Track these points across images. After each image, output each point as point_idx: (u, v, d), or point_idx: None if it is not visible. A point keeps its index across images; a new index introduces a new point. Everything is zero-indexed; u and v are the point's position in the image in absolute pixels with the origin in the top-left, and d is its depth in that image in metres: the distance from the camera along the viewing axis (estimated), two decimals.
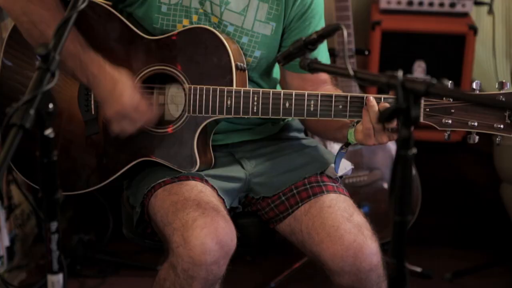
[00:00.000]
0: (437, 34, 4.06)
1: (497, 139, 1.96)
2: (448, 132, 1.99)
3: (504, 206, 3.37)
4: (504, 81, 1.93)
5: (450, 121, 1.96)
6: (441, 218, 3.76)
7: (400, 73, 1.40)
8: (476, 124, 1.95)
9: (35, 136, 1.42)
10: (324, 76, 2.25)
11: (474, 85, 1.92)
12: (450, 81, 1.91)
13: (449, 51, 4.05)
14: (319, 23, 2.23)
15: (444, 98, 1.95)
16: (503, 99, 1.91)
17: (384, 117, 1.38)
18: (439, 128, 1.98)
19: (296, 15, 2.20)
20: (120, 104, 2.03)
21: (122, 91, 2.03)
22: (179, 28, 2.13)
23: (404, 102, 1.35)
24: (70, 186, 2.21)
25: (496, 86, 1.94)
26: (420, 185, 3.28)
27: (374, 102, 1.97)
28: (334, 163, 2.14)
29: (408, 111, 1.35)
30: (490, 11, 4.28)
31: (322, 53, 2.25)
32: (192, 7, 2.14)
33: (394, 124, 1.93)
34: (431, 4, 4.12)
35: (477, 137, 1.96)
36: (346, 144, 2.09)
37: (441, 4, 4.11)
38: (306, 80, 2.21)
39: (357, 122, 2.04)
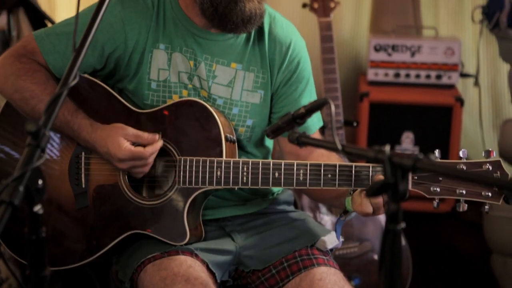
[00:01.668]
0: (425, 105, 4.12)
1: (486, 207, 1.97)
2: (437, 200, 2.00)
3: (495, 277, 3.36)
4: (490, 149, 1.96)
5: (438, 189, 1.98)
6: None
7: (387, 148, 1.42)
8: (464, 192, 1.96)
9: (23, 212, 1.42)
10: (322, 150, 2.27)
11: (461, 154, 1.95)
12: (438, 150, 1.95)
13: (436, 122, 4.10)
14: (306, 87, 2.26)
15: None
16: (490, 167, 1.94)
17: (372, 191, 1.39)
18: (427, 196, 1.99)
19: (282, 80, 2.23)
20: (118, 161, 2.05)
21: (114, 151, 2.05)
22: (169, 103, 2.16)
23: (391, 177, 1.36)
24: (59, 260, 2.19)
25: (483, 155, 1.96)
26: (411, 256, 3.27)
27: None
28: (335, 230, 2.15)
29: (396, 186, 1.36)
30: (476, 83, 4.36)
31: (314, 119, 2.27)
32: (181, 83, 2.18)
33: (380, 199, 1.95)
34: (417, 76, 4.19)
35: (466, 205, 1.97)
36: (345, 212, 2.10)
37: (428, 76, 4.18)
38: (303, 149, 2.23)
39: (354, 191, 2.06)
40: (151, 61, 2.16)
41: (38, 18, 3.69)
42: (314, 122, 2.28)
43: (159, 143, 2.09)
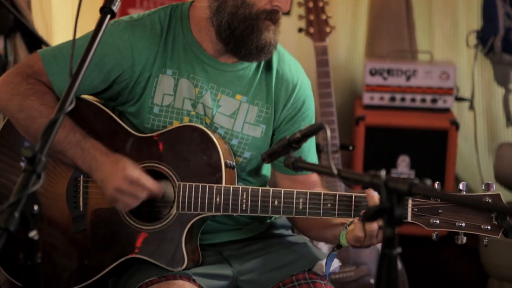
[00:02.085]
0: (420, 129, 4.13)
1: (485, 240, 1.97)
2: (436, 232, 2.00)
3: None
4: (490, 182, 1.96)
5: (437, 222, 1.97)
6: None
7: (383, 173, 1.42)
8: (463, 225, 1.96)
9: (19, 237, 1.42)
10: (314, 177, 2.27)
11: (461, 186, 1.95)
12: (438, 182, 1.94)
13: (432, 145, 4.11)
14: None
15: (431, 198, 1.96)
16: (489, 200, 1.93)
17: (368, 216, 1.39)
18: (427, 228, 1.99)
19: (286, 117, 2.24)
20: (120, 178, 2.03)
21: (124, 165, 2.04)
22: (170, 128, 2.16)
23: (387, 201, 1.36)
24: (55, 284, 2.17)
25: (482, 188, 1.96)
26: (407, 280, 3.26)
27: (373, 192, 1.98)
28: (325, 264, 2.13)
29: (391, 211, 1.36)
30: (471, 107, 4.37)
31: (310, 148, 2.27)
32: (185, 109, 2.18)
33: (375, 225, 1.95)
34: (413, 100, 4.21)
35: (465, 238, 1.97)
36: (338, 246, 2.09)
37: (423, 100, 4.20)
38: (296, 182, 2.24)
39: (350, 224, 2.05)
40: (157, 86, 2.16)
41: (35, 43, 3.70)
42: (312, 159, 2.29)
43: (156, 189, 2.08)
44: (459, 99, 4.34)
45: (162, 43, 2.16)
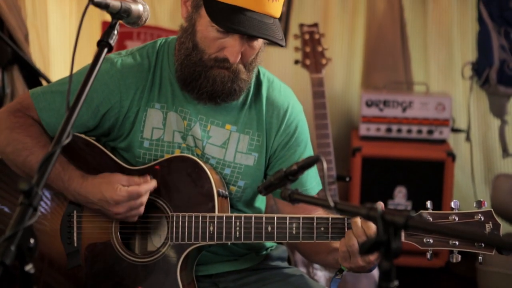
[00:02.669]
0: (417, 160, 4.13)
1: (479, 258, 1.98)
2: (430, 252, 2.00)
3: None
4: (482, 200, 1.98)
5: (431, 241, 1.98)
6: None
7: (379, 205, 1.42)
8: (457, 243, 1.97)
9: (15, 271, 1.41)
10: None
11: (452, 205, 1.98)
12: (430, 201, 1.96)
13: (429, 176, 4.11)
14: (305, 151, 2.27)
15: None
16: (482, 217, 1.96)
17: (365, 249, 1.39)
18: (421, 248, 1.99)
19: (279, 144, 2.24)
20: (115, 205, 2.04)
21: (110, 195, 2.04)
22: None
23: (384, 234, 1.36)
24: None
25: (474, 205, 1.98)
26: None
27: (358, 219, 1.98)
28: None
29: (388, 244, 1.36)
30: (468, 138, 4.38)
31: (311, 178, 2.27)
32: (175, 142, 2.19)
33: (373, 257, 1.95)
34: (409, 131, 4.22)
35: (459, 256, 1.98)
36: (340, 270, 2.08)
37: (419, 131, 4.21)
38: (297, 207, 2.22)
39: None
40: (145, 120, 2.17)
41: (33, 76, 3.72)
42: (313, 186, 2.29)
43: (153, 183, 2.09)
44: (455, 130, 4.35)
45: (150, 77, 2.17)
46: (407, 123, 4.22)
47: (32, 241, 1.39)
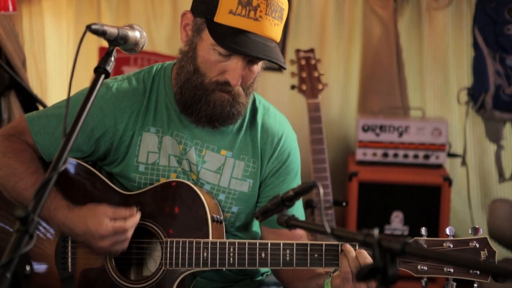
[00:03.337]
0: (413, 185, 4.13)
1: (475, 285, 1.97)
2: (425, 279, 2.00)
3: None
4: (477, 226, 1.97)
5: (425, 268, 1.98)
6: None
7: (376, 232, 1.42)
8: (452, 270, 1.96)
9: None
10: (299, 231, 2.27)
11: (447, 231, 1.97)
12: (424, 228, 1.96)
13: (425, 201, 4.11)
14: (294, 180, 2.27)
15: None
16: (477, 244, 1.96)
17: (362, 276, 1.38)
18: (415, 275, 1.99)
19: (271, 171, 2.24)
20: (100, 239, 2.02)
21: (95, 228, 2.02)
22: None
23: (380, 261, 1.36)
24: None
25: (470, 232, 1.97)
26: None
27: (351, 248, 1.98)
28: None
29: (385, 270, 1.35)
30: (464, 163, 4.39)
31: (297, 208, 2.27)
32: (171, 166, 2.19)
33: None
34: (405, 156, 4.22)
35: (455, 284, 1.97)
36: None
37: (416, 156, 4.21)
38: (281, 235, 2.23)
39: (334, 271, 2.05)
40: (140, 144, 2.18)
41: (30, 101, 3.73)
42: (299, 216, 2.28)
43: (138, 216, 2.08)
44: (451, 155, 4.36)
45: (145, 101, 2.18)
46: (403, 148, 4.22)
47: (27, 268, 1.39)
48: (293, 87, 3.64)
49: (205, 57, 2.06)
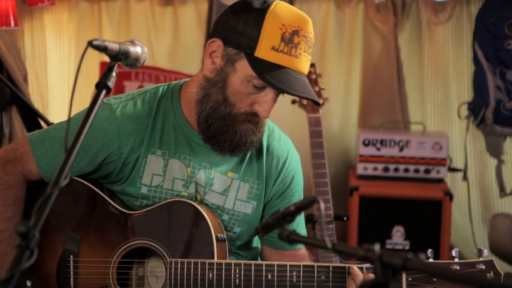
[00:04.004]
0: (414, 199, 4.13)
1: None
2: None
3: None
4: (482, 248, 1.96)
5: None
6: None
7: (377, 247, 1.42)
8: None
9: None
10: (302, 251, 2.26)
11: (453, 253, 1.95)
12: (430, 250, 1.95)
13: (426, 216, 4.10)
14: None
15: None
16: (483, 267, 1.94)
17: None
18: None
19: (276, 193, 2.24)
20: None
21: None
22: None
23: (382, 276, 1.36)
24: None
25: (475, 253, 1.96)
26: None
27: (359, 272, 1.97)
28: None
29: (386, 286, 1.35)
30: (465, 177, 4.39)
31: (299, 223, 2.27)
32: (175, 190, 2.17)
33: None
34: (406, 170, 4.22)
35: None
36: None
37: (416, 171, 4.21)
38: (284, 256, 2.23)
39: None
40: (145, 166, 2.16)
41: (31, 116, 3.73)
42: (302, 233, 2.28)
43: None
44: (452, 169, 4.36)
45: (150, 123, 2.15)
46: (404, 162, 4.22)
47: (29, 283, 1.39)
48: (294, 101, 3.64)
49: (238, 88, 2.04)
